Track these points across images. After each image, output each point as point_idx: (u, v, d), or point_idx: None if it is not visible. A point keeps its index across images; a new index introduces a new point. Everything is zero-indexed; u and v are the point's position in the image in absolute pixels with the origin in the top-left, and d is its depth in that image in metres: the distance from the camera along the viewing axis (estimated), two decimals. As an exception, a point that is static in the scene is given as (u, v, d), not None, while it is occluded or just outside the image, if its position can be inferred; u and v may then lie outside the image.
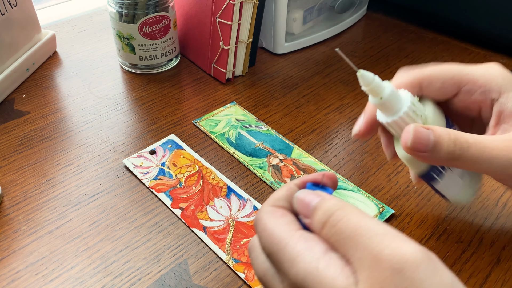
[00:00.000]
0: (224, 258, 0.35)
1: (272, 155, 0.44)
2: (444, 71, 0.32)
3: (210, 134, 0.46)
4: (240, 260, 0.34)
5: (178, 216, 0.38)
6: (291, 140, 0.46)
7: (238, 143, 0.45)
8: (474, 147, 0.28)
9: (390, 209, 0.38)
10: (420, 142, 0.28)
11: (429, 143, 0.28)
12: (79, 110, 0.50)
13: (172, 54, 0.57)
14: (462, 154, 0.28)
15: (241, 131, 0.47)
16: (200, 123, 0.48)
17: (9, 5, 0.51)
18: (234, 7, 0.49)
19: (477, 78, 0.31)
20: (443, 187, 0.33)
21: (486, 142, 0.28)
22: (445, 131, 0.28)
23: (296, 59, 0.60)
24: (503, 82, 0.30)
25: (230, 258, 0.35)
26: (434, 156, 0.28)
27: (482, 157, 0.28)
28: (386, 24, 0.68)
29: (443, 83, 0.31)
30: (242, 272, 0.34)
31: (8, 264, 0.34)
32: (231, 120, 0.48)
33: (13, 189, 0.40)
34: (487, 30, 0.60)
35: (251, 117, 0.49)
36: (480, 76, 0.31)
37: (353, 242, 0.21)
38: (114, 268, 0.34)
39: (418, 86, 0.31)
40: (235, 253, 0.35)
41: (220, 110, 0.50)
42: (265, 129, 0.47)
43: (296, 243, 0.22)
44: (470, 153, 0.28)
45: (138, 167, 0.42)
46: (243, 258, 0.35)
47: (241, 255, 0.35)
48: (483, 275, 0.34)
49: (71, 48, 0.61)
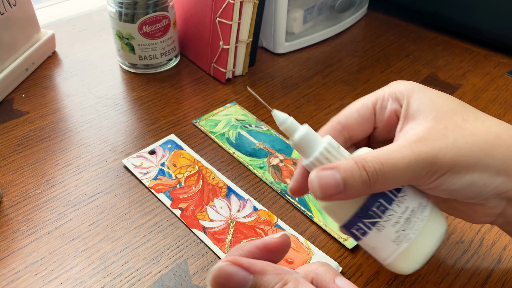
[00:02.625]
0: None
1: (272, 155, 0.44)
2: (354, 104, 0.32)
3: (210, 134, 0.46)
4: None
5: (178, 217, 0.38)
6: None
7: (238, 143, 0.45)
8: (386, 165, 0.25)
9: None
10: (328, 187, 0.25)
11: (338, 183, 0.25)
12: (78, 110, 0.50)
13: (172, 53, 0.56)
14: (378, 177, 0.25)
15: (241, 131, 0.47)
16: (199, 123, 0.48)
17: (8, 4, 0.51)
18: (234, 7, 0.48)
19: (383, 93, 0.31)
20: (368, 246, 0.28)
21: (393, 153, 0.26)
22: (350, 162, 0.26)
23: (296, 58, 0.60)
24: (406, 87, 0.30)
25: None
26: (351, 193, 0.26)
27: (396, 171, 0.25)
28: (387, 23, 0.68)
29: (358, 111, 0.31)
30: None
31: (7, 264, 0.34)
32: (231, 120, 0.48)
33: (12, 189, 0.40)
34: (487, 29, 0.60)
35: (251, 117, 0.49)
36: (385, 91, 0.31)
37: None
38: (113, 268, 0.34)
39: (339, 127, 0.31)
40: None
41: (220, 110, 0.50)
42: (265, 129, 0.47)
43: None
44: (386, 172, 0.25)
45: (137, 167, 0.42)
46: None
47: None
48: (484, 275, 0.34)
49: (71, 48, 0.61)
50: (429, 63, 0.58)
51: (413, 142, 0.26)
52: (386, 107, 0.30)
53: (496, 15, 0.58)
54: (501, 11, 0.57)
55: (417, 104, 0.28)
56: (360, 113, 0.31)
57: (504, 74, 0.57)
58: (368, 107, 0.31)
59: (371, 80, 0.55)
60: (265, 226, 0.37)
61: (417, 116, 0.28)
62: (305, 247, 0.35)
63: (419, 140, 0.26)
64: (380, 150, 0.26)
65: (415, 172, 0.26)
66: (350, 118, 0.31)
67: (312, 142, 0.27)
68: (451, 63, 0.59)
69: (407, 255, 0.27)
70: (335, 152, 0.27)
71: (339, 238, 0.36)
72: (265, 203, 0.39)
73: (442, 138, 0.26)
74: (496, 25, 0.59)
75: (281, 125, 0.27)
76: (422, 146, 0.26)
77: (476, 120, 0.27)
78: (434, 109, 0.28)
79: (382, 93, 0.31)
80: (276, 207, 0.39)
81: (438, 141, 0.26)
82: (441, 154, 0.26)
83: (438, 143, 0.26)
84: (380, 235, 0.27)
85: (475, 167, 0.26)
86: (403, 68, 0.58)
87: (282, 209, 0.39)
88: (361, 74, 0.56)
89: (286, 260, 0.34)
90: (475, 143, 0.26)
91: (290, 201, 0.39)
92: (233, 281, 0.21)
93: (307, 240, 0.36)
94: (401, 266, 0.27)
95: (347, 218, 0.27)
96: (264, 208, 0.38)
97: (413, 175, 0.26)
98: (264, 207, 0.39)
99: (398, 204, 0.27)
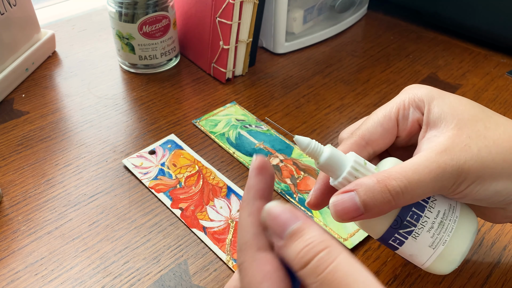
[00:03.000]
0: (224, 259, 0.34)
1: (272, 155, 0.44)
2: (376, 115, 0.31)
3: (210, 134, 0.46)
4: None
5: (178, 217, 0.38)
6: (291, 140, 0.46)
7: (238, 143, 0.45)
8: (410, 183, 0.25)
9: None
10: (348, 211, 0.26)
11: (357, 206, 0.25)
12: (78, 110, 0.50)
13: (172, 53, 0.56)
14: (404, 194, 0.25)
15: (241, 131, 0.47)
16: (199, 123, 0.48)
17: (8, 4, 0.51)
18: (234, 7, 0.48)
19: (403, 101, 0.30)
20: (405, 254, 0.28)
21: (419, 168, 0.26)
22: (371, 182, 0.25)
23: (296, 58, 0.60)
24: (425, 93, 0.30)
25: (230, 259, 0.34)
26: (375, 213, 0.26)
27: (422, 187, 0.26)
28: (387, 23, 0.68)
29: (381, 125, 0.30)
30: None
31: (7, 264, 0.34)
32: (231, 120, 0.48)
33: (13, 189, 0.40)
34: (487, 29, 0.60)
35: (251, 117, 0.49)
36: (404, 98, 0.30)
37: None
38: (113, 268, 0.34)
39: (363, 143, 0.30)
40: (236, 253, 0.35)
41: (220, 110, 0.50)
42: (265, 129, 0.47)
43: None
44: (411, 188, 0.25)
45: (137, 167, 0.42)
46: None
47: None
48: (484, 275, 0.34)
49: (71, 48, 0.61)
50: (429, 63, 0.58)
51: (438, 153, 0.26)
52: (408, 117, 0.30)
53: (496, 15, 0.58)
54: (501, 11, 0.57)
55: (437, 111, 0.28)
56: (384, 127, 0.30)
57: (504, 74, 0.57)
58: (391, 120, 0.30)
59: (371, 80, 0.55)
60: (265, 226, 0.37)
61: (439, 124, 0.28)
62: None
63: (444, 151, 0.26)
64: (405, 165, 0.26)
65: (442, 184, 0.26)
66: (374, 134, 0.30)
67: (338, 162, 0.27)
68: (451, 63, 0.59)
69: (444, 257, 0.27)
70: (363, 169, 0.27)
71: (339, 238, 0.36)
72: (265, 203, 0.39)
73: (466, 149, 0.26)
74: (496, 25, 0.59)
75: (304, 150, 0.26)
76: (447, 158, 0.26)
77: (498, 128, 0.28)
78: (455, 116, 0.28)
79: (402, 102, 0.30)
80: (276, 207, 0.39)
81: (462, 152, 0.26)
82: (466, 166, 0.26)
83: (463, 155, 0.26)
84: (417, 242, 0.27)
85: (499, 176, 0.27)
86: (403, 68, 0.58)
87: (282, 209, 0.39)
88: (361, 74, 0.56)
89: None
90: (498, 153, 0.27)
91: (290, 201, 0.39)
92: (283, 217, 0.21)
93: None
94: (439, 268, 0.28)
95: (382, 231, 0.28)
96: (264, 208, 0.38)
97: (440, 187, 0.26)
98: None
99: (430, 210, 0.27)
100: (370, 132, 0.30)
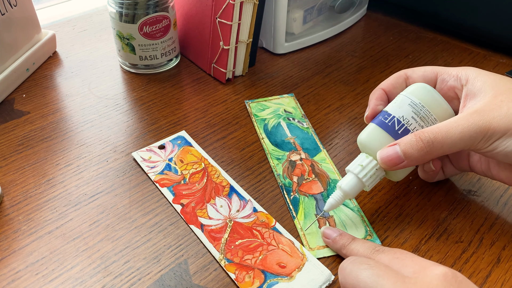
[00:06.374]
0: (217, 257, 0.34)
1: (296, 151, 0.44)
2: (419, 68, 0.38)
3: (252, 117, 0.48)
4: (233, 261, 0.34)
5: (178, 212, 0.38)
6: (343, 173, 0.46)
7: (273, 131, 0.47)
8: (439, 134, 0.32)
9: (378, 239, 0.36)
10: (391, 158, 0.33)
11: (399, 154, 0.33)
12: (79, 110, 0.50)
13: (172, 54, 0.57)
14: (434, 144, 0.32)
15: (281, 122, 0.48)
16: (250, 104, 0.50)
17: (9, 5, 0.51)
18: (234, 7, 0.49)
19: (451, 70, 0.36)
20: None
21: (449, 124, 0.32)
22: (409, 136, 0.33)
23: (296, 59, 0.60)
24: (471, 71, 0.35)
25: (223, 258, 0.34)
26: (414, 160, 0.33)
27: (451, 137, 0.31)
28: (386, 24, 0.68)
29: (424, 71, 0.37)
30: (233, 273, 0.33)
31: (8, 264, 0.34)
32: (279, 109, 0.50)
33: (13, 189, 0.40)
34: (487, 30, 0.60)
35: (299, 111, 0.50)
36: (453, 69, 0.36)
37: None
38: (114, 268, 0.34)
39: (406, 76, 0.38)
40: (229, 253, 0.35)
41: (275, 97, 0.52)
42: (306, 126, 0.48)
43: None
44: (440, 139, 0.32)
45: (145, 161, 0.43)
46: (236, 259, 0.34)
47: (235, 255, 0.35)
48: (483, 275, 0.34)
49: (71, 48, 0.61)
50: (429, 63, 0.59)
51: (470, 114, 0.32)
52: (448, 81, 0.36)
53: (496, 15, 0.58)
54: (500, 11, 0.57)
55: (479, 84, 0.34)
56: (425, 74, 0.37)
57: (504, 74, 0.57)
58: (434, 72, 0.37)
59: (370, 80, 0.55)
60: (262, 228, 0.37)
61: (479, 94, 0.33)
62: (299, 252, 0.35)
63: (475, 112, 0.32)
64: (441, 123, 0.33)
65: (471, 137, 0.31)
66: (416, 73, 0.38)
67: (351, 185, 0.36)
68: (450, 63, 0.59)
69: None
70: (368, 165, 0.36)
71: (305, 246, 0.36)
72: (264, 203, 0.39)
73: (496, 109, 0.31)
74: (495, 25, 0.59)
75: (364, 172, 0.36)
76: (477, 116, 0.31)
77: None
78: (493, 88, 0.33)
79: (445, 70, 0.37)
80: (276, 207, 0.39)
81: (492, 111, 0.31)
82: (494, 121, 0.31)
83: (492, 113, 0.31)
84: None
85: None
86: (402, 68, 0.58)
87: (282, 209, 0.39)
88: (360, 74, 0.57)
89: (279, 264, 0.34)
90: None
91: (284, 198, 0.39)
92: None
93: (302, 246, 0.36)
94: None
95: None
96: (264, 210, 0.38)
97: (469, 141, 0.31)
98: (264, 209, 0.39)
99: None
100: (413, 71, 0.38)
